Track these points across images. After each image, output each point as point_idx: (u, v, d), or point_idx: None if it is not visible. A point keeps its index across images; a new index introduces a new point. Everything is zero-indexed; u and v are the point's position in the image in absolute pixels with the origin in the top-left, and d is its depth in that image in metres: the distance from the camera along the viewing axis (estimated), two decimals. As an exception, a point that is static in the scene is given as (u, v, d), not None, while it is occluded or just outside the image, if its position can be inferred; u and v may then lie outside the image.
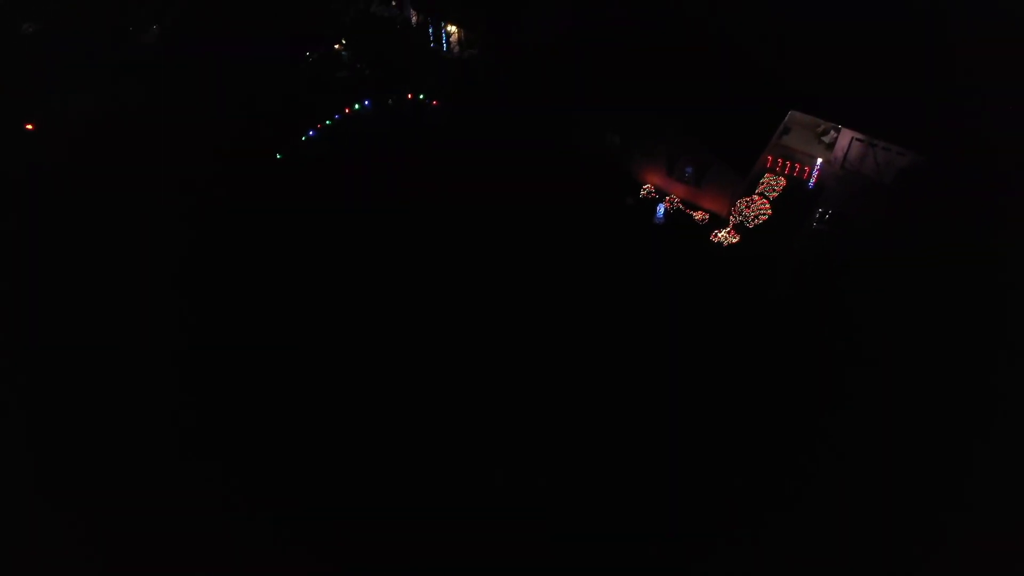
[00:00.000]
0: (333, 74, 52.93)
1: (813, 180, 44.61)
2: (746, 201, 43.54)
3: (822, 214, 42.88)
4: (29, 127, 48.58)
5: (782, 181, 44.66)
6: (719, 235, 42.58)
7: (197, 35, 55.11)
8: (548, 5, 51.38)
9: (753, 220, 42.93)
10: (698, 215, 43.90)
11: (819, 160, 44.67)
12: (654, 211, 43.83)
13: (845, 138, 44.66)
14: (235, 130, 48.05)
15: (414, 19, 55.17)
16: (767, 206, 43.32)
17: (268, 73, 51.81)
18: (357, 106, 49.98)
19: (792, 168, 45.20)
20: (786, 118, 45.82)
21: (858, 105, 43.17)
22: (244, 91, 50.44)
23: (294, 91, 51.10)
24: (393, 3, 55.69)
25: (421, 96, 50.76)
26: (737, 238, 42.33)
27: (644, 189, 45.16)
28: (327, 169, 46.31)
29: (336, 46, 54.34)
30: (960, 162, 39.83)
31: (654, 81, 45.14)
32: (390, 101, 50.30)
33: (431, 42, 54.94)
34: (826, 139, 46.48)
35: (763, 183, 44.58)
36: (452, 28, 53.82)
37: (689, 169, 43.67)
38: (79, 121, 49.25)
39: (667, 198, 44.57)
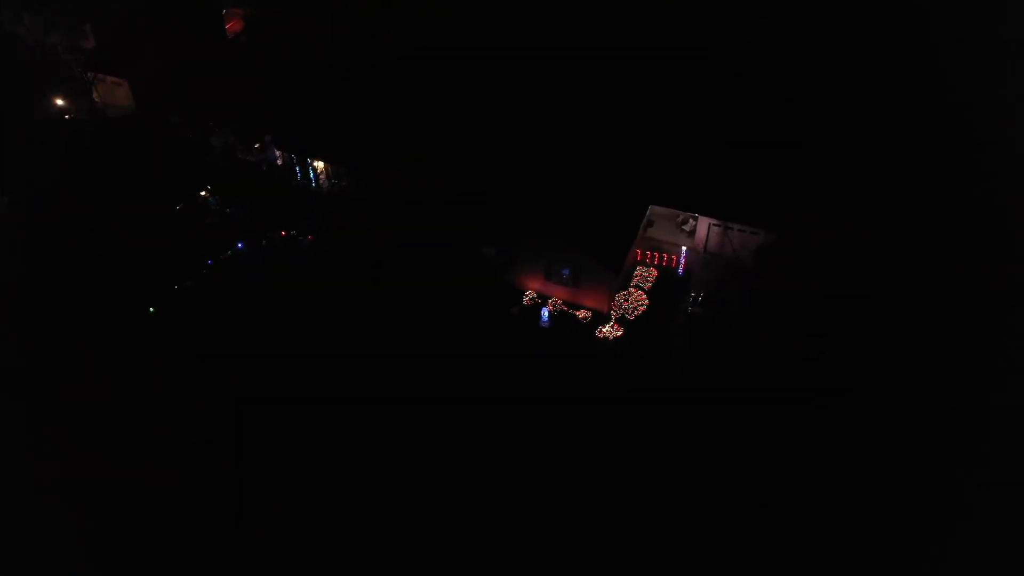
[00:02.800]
0: (203, 221, 52.38)
1: (682, 267, 47.24)
2: (624, 295, 45.48)
3: (695, 297, 45.22)
4: None
5: (654, 272, 47.07)
6: (604, 330, 44.00)
7: (52, 198, 53.54)
8: (407, 132, 53.33)
9: (633, 312, 44.75)
10: (581, 314, 45.32)
11: (684, 248, 47.50)
12: (539, 316, 44.97)
13: (703, 225, 47.84)
14: (100, 289, 46.37)
15: (279, 159, 55.87)
16: (644, 297, 45.37)
17: (133, 228, 50.71)
18: (230, 251, 49.44)
19: (661, 258, 47.78)
20: (648, 212, 48.76)
21: (708, 193, 46.73)
22: (107, 247, 49.01)
23: (163, 243, 50.01)
24: (256, 146, 56.31)
25: (294, 232, 50.88)
26: (621, 331, 43.86)
27: (526, 296, 46.40)
28: (205, 316, 45.26)
29: (203, 193, 54.02)
30: (806, 236, 43.61)
31: (519, 190, 47.44)
32: (264, 241, 50.11)
33: (299, 178, 55.60)
34: (686, 228, 49.65)
35: (637, 276, 46.82)
36: (318, 163, 54.78)
37: (566, 271, 45.33)
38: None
39: (549, 301, 45.91)
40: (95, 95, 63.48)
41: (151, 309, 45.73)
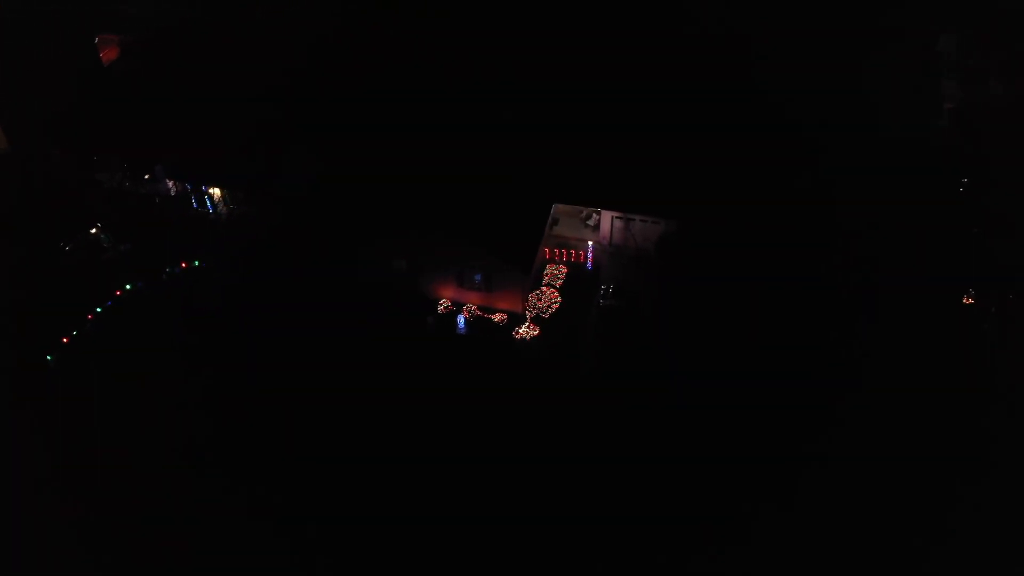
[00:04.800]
0: (96, 260, 50.19)
1: (590, 262, 48.36)
2: (536, 294, 46.27)
3: (605, 290, 46.39)
4: None
5: (564, 269, 48.04)
6: (520, 331, 44.64)
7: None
8: (300, 156, 52.41)
9: (547, 310, 45.58)
10: (496, 317, 45.82)
11: (590, 243, 48.64)
12: (455, 323, 45.20)
13: (606, 219, 49.06)
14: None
15: (173, 189, 54.05)
16: (556, 295, 46.29)
17: (20, 273, 48.27)
18: (129, 286, 47.60)
19: (569, 255, 48.76)
20: (552, 210, 49.62)
21: (607, 187, 47.95)
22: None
23: (54, 286, 47.73)
24: (147, 176, 54.29)
25: (196, 263, 49.42)
26: (537, 330, 44.60)
27: (441, 304, 46.54)
28: (107, 358, 43.52)
29: (93, 230, 51.73)
30: (703, 223, 45.42)
31: (423, 200, 47.52)
32: (164, 275, 48.45)
33: (195, 207, 53.94)
34: (590, 223, 50.79)
35: (547, 274, 47.69)
36: (215, 190, 53.28)
37: (478, 276, 45.72)
38: None
39: (464, 308, 46.20)
40: (-37, 137, 59.78)
41: (48, 357, 43.67)
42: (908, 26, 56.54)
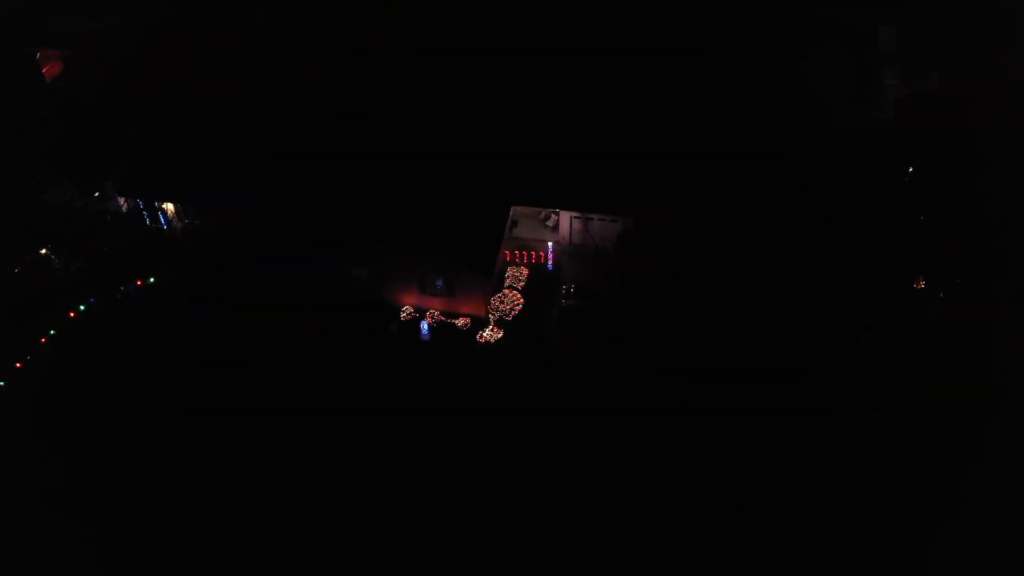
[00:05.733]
0: (46, 281, 49.02)
1: (551, 262, 48.68)
2: (499, 297, 46.44)
3: (567, 290, 46.75)
4: None
5: (525, 271, 48.25)
6: (484, 335, 44.77)
7: None
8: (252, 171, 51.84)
9: (510, 312, 45.77)
10: (460, 322, 45.87)
11: (550, 244, 48.96)
12: (419, 329, 45.14)
13: (565, 219, 49.44)
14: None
15: (124, 206, 53.06)
16: (519, 297, 46.50)
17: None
18: (83, 307, 46.61)
19: (530, 257, 49.01)
20: (511, 213, 49.83)
21: (564, 187, 48.28)
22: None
23: (3, 310, 46.55)
24: (96, 194, 53.22)
25: (152, 279, 48.58)
26: (501, 333, 44.77)
27: (403, 312, 46.43)
28: (65, 382, 42.64)
29: (43, 251, 50.55)
30: (661, 221, 46.03)
31: (380, 208, 47.36)
32: (119, 294, 47.53)
33: (149, 223, 53.00)
34: (549, 224, 51.13)
35: (509, 277, 47.86)
36: (168, 205, 52.42)
37: (439, 282, 45.75)
38: None
39: (427, 314, 46.16)
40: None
41: (1, 383, 42.60)
42: (849, 19, 57.93)
